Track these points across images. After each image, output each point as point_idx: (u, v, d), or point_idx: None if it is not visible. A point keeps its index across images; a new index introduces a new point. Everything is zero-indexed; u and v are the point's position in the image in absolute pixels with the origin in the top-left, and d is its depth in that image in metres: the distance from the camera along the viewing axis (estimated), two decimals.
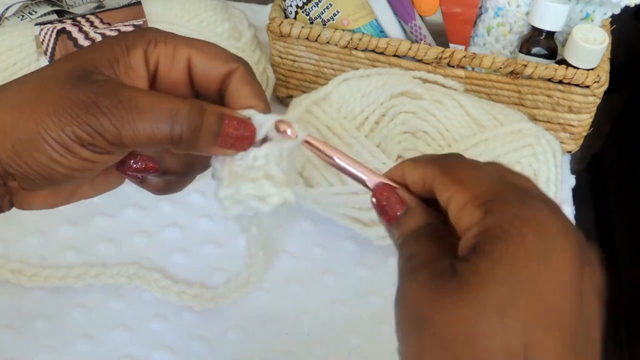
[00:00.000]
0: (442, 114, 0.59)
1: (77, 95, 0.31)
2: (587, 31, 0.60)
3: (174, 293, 0.56)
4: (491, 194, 0.28)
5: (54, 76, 0.32)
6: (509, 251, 0.26)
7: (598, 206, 1.47)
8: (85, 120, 0.30)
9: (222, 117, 0.33)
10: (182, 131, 0.32)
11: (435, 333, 0.26)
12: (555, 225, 0.27)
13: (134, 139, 0.31)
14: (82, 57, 0.33)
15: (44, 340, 0.53)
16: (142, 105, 0.31)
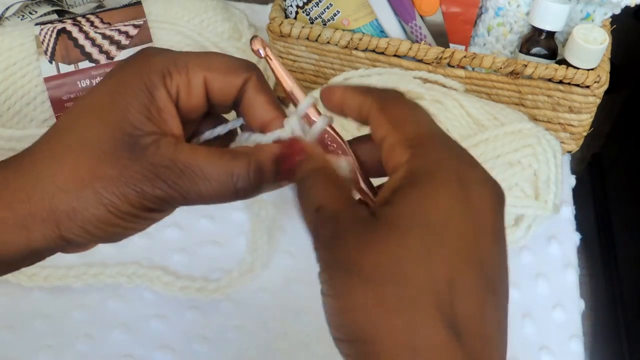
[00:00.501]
0: (443, 114, 0.59)
1: (136, 170, 0.31)
2: (588, 31, 0.60)
3: (177, 288, 0.56)
4: (421, 137, 0.29)
5: (100, 148, 0.31)
6: (433, 192, 0.27)
7: (598, 206, 1.47)
8: (152, 194, 0.31)
9: (275, 158, 0.33)
10: (245, 187, 0.33)
11: (364, 275, 0.27)
12: (476, 173, 0.29)
13: (200, 200, 0.33)
14: (113, 116, 0.32)
15: (44, 340, 0.53)
16: (202, 172, 0.32)
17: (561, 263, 0.61)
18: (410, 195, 0.28)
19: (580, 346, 0.56)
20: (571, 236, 0.64)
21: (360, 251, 0.27)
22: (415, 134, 0.29)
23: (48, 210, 0.31)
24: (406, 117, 0.30)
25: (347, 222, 0.28)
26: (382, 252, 0.27)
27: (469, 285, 0.27)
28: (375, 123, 0.31)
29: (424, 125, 0.30)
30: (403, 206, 0.27)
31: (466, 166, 0.29)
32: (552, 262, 0.61)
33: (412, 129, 0.30)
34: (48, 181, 0.31)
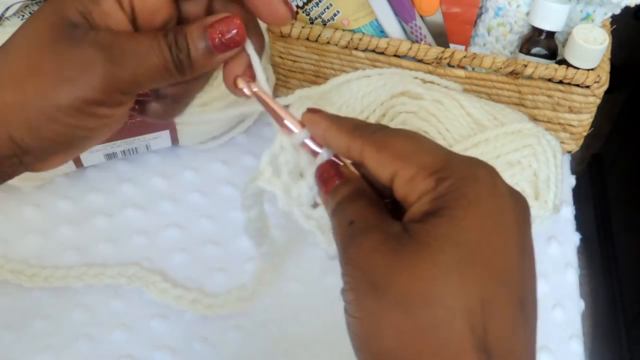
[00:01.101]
0: (443, 114, 0.59)
1: (74, 58, 0.31)
2: (588, 31, 0.60)
3: (172, 297, 0.56)
4: (438, 163, 0.29)
5: (39, 43, 0.31)
6: (466, 212, 0.27)
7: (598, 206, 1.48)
8: (91, 83, 0.31)
9: (204, 29, 0.33)
10: (177, 58, 0.32)
11: (395, 296, 0.26)
12: (503, 188, 0.29)
13: (141, 79, 0.32)
14: (54, 14, 0.32)
15: (44, 341, 0.53)
16: (134, 49, 0.31)
17: (561, 263, 0.61)
18: (444, 216, 0.27)
19: (580, 346, 0.56)
20: (571, 236, 0.64)
21: (390, 271, 0.26)
22: (430, 162, 0.29)
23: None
24: (412, 149, 0.30)
25: (378, 238, 0.28)
26: (413, 273, 0.26)
27: (501, 304, 0.26)
28: (378, 163, 0.30)
29: (434, 151, 0.30)
30: (436, 226, 0.27)
31: (492, 179, 0.28)
32: (552, 262, 0.61)
33: (424, 158, 0.29)
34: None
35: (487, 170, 0.29)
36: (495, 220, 0.27)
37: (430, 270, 0.26)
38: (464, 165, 0.29)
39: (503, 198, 0.28)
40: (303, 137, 0.34)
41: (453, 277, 0.26)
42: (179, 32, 0.32)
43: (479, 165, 0.29)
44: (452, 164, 0.28)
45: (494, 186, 0.28)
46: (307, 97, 0.61)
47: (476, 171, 0.28)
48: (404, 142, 0.30)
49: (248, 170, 0.67)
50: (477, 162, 0.29)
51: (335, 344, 0.54)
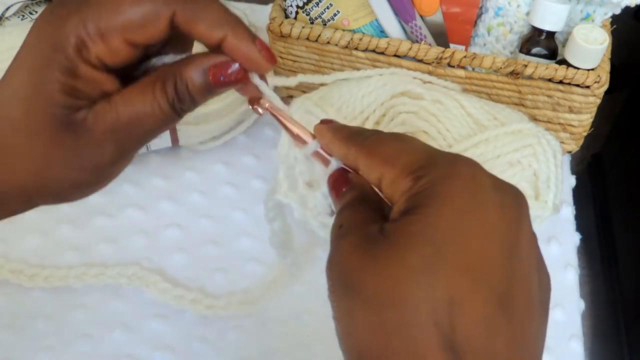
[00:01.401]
0: (443, 114, 0.59)
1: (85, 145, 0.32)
2: (588, 31, 0.60)
3: (172, 296, 0.56)
4: (418, 162, 0.28)
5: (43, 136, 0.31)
6: (438, 210, 0.26)
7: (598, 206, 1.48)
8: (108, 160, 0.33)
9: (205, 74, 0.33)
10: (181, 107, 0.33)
11: (365, 297, 0.26)
12: (486, 182, 0.28)
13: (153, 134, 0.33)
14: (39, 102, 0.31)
15: (44, 341, 0.53)
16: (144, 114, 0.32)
17: (561, 263, 0.61)
18: (415, 214, 0.26)
19: (580, 346, 0.56)
20: (571, 236, 0.64)
21: (362, 272, 0.26)
22: (411, 161, 0.29)
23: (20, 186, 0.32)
24: (396, 151, 0.30)
25: (355, 240, 0.28)
26: (382, 273, 0.26)
27: (472, 303, 0.25)
28: (368, 168, 0.30)
29: (417, 150, 0.29)
30: (407, 225, 0.26)
31: (473, 174, 0.28)
32: (552, 262, 0.61)
33: (406, 158, 0.29)
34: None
35: (467, 166, 0.28)
36: (472, 217, 0.26)
37: (397, 269, 0.26)
38: (443, 163, 0.28)
39: (484, 194, 0.27)
40: (314, 147, 0.34)
41: (420, 275, 0.25)
42: (179, 80, 0.32)
43: (458, 161, 0.28)
44: (431, 162, 0.28)
45: (473, 182, 0.27)
46: (307, 97, 0.61)
47: (455, 168, 0.28)
48: (390, 145, 0.30)
49: (248, 171, 0.67)
50: (458, 158, 0.29)
51: (335, 344, 0.54)
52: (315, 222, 0.36)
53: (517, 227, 0.27)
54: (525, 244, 0.27)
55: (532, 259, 0.28)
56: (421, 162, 0.28)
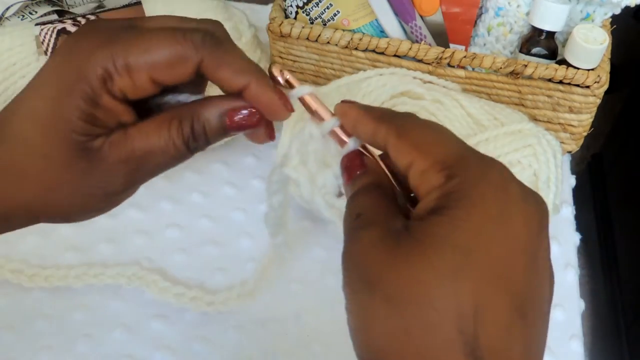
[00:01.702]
0: (443, 114, 0.59)
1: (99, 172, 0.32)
2: (588, 31, 0.60)
3: (172, 295, 0.56)
4: (453, 158, 0.28)
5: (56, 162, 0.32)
6: (469, 214, 0.26)
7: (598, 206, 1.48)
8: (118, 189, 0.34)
9: (222, 117, 0.33)
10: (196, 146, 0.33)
11: (386, 294, 0.26)
12: (515, 190, 0.28)
13: (163, 168, 0.34)
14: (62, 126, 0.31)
15: (44, 341, 0.53)
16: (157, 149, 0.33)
17: (561, 263, 0.61)
18: (445, 216, 0.26)
19: (580, 346, 0.56)
20: (571, 236, 0.64)
21: (385, 268, 0.26)
22: (445, 155, 0.28)
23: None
24: (431, 140, 0.29)
25: (378, 234, 0.28)
26: (407, 272, 0.26)
27: (496, 311, 0.25)
28: (397, 151, 0.30)
29: (452, 145, 0.29)
30: (435, 225, 0.26)
31: (504, 181, 0.28)
32: (552, 262, 0.61)
33: (441, 150, 0.29)
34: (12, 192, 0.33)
35: (498, 172, 0.28)
36: (500, 224, 0.26)
37: (424, 271, 0.26)
38: (477, 164, 0.28)
39: (512, 202, 0.27)
40: (332, 125, 0.34)
41: (447, 280, 0.25)
42: (196, 120, 0.33)
43: (492, 165, 0.28)
44: (464, 161, 0.28)
45: (503, 189, 0.27)
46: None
47: (488, 171, 0.28)
48: (424, 132, 0.30)
49: (248, 171, 0.67)
50: (491, 162, 0.28)
51: (335, 344, 0.54)
52: (322, 201, 0.36)
53: (538, 238, 0.28)
54: (543, 254, 0.28)
55: (547, 268, 0.28)
56: (455, 159, 0.28)
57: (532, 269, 0.27)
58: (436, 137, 0.30)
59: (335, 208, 0.36)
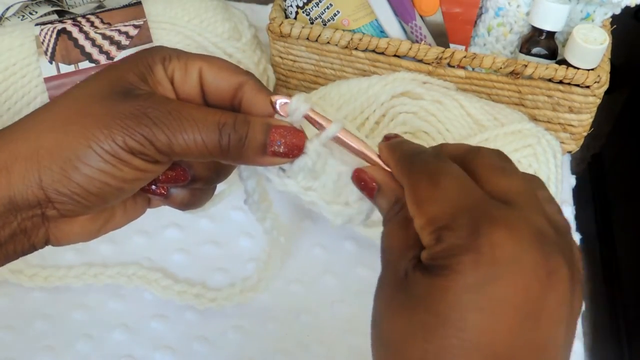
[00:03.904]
0: (443, 114, 0.59)
1: (126, 108, 0.31)
2: (588, 31, 0.60)
3: (175, 292, 0.56)
4: (444, 218, 0.28)
5: (95, 93, 0.32)
6: (446, 284, 0.27)
7: (598, 206, 1.47)
8: (137, 130, 0.31)
9: (268, 126, 0.33)
10: (229, 142, 0.33)
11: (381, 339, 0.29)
12: (503, 255, 0.27)
13: (185, 148, 0.32)
14: (112, 75, 0.33)
15: (44, 341, 0.53)
16: (190, 116, 0.32)
17: None
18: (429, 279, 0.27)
19: (580, 346, 0.56)
20: None
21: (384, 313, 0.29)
22: (437, 215, 0.28)
23: (31, 149, 0.31)
24: (429, 197, 0.29)
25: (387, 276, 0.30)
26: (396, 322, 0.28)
27: None
28: (408, 204, 0.30)
29: (447, 203, 0.28)
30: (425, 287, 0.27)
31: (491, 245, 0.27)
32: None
33: (435, 209, 0.28)
34: (37, 123, 0.32)
35: (487, 237, 0.27)
36: (479, 293, 0.26)
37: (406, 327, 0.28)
38: (465, 229, 0.27)
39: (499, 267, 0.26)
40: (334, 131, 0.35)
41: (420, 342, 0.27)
42: (241, 117, 0.33)
43: (481, 229, 0.27)
44: (453, 225, 0.27)
45: (489, 257, 0.26)
46: (307, 97, 0.61)
47: (474, 240, 0.27)
48: (427, 185, 0.30)
49: None
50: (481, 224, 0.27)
51: (335, 344, 0.54)
52: (296, 185, 0.36)
53: (534, 298, 0.27)
54: (548, 310, 0.27)
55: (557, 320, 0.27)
56: (446, 219, 0.28)
57: (524, 329, 0.26)
58: (432, 192, 0.29)
59: (312, 190, 0.36)
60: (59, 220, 0.33)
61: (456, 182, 0.29)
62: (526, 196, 0.29)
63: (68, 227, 0.34)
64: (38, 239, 0.33)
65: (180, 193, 0.37)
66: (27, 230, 0.32)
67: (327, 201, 0.36)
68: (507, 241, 0.27)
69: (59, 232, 0.34)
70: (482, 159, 0.31)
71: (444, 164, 0.30)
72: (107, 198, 0.33)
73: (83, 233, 0.35)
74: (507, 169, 0.30)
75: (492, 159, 0.31)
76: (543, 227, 0.28)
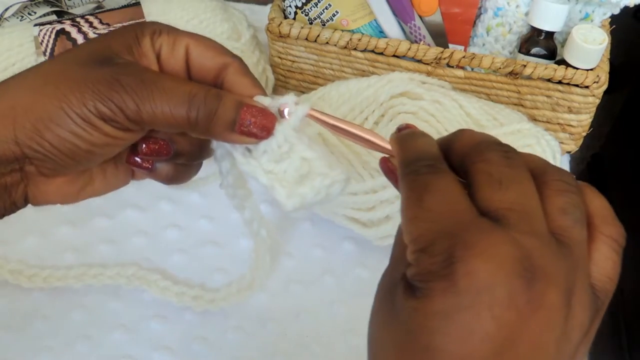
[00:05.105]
0: (442, 115, 0.59)
1: (100, 74, 0.32)
2: (587, 31, 0.60)
3: (173, 294, 0.56)
4: (422, 241, 0.27)
5: (74, 59, 0.34)
6: (418, 306, 0.26)
7: None
8: (107, 96, 0.32)
9: (240, 104, 0.34)
10: (198, 114, 0.33)
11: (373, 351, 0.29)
12: (478, 282, 0.25)
13: (153, 117, 0.33)
14: (98, 44, 0.34)
15: (43, 341, 0.53)
16: (162, 86, 0.33)
17: None
18: (410, 301, 0.27)
19: None
20: None
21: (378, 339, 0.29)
22: (418, 237, 0.27)
23: (8, 106, 0.32)
24: (413, 216, 0.28)
25: (385, 280, 0.30)
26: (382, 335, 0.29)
27: None
28: (400, 215, 0.30)
29: (426, 226, 0.27)
30: (405, 308, 0.27)
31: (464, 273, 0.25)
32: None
33: (416, 230, 0.27)
34: (18, 82, 0.33)
35: (463, 265, 0.25)
36: (454, 320, 0.25)
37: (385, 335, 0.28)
38: (441, 255, 0.26)
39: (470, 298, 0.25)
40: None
41: (392, 351, 0.28)
42: (213, 91, 0.34)
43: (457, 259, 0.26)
44: (432, 248, 0.26)
45: (460, 282, 0.25)
46: (306, 97, 0.61)
47: (448, 268, 0.26)
48: (413, 202, 0.28)
49: None
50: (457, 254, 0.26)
51: (334, 344, 0.54)
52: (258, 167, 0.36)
53: (509, 328, 0.25)
54: (529, 338, 0.26)
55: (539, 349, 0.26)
56: (423, 244, 0.27)
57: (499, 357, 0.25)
58: (420, 213, 0.28)
59: (273, 174, 0.36)
60: (37, 178, 0.34)
61: (442, 200, 0.28)
62: (519, 213, 0.27)
63: (46, 186, 0.35)
64: (18, 195, 0.34)
65: (164, 167, 0.38)
66: (7, 186, 0.34)
67: (282, 185, 0.35)
68: (482, 269, 0.25)
69: (38, 191, 0.35)
70: (482, 163, 0.29)
71: (434, 178, 0.29)
72: (79, 160, 0.34)
73: (61, 194, 0.36)
74: (505, 179, 0.28)
75: (491, 165, 0.29)
76: (531, 249, 0.26)
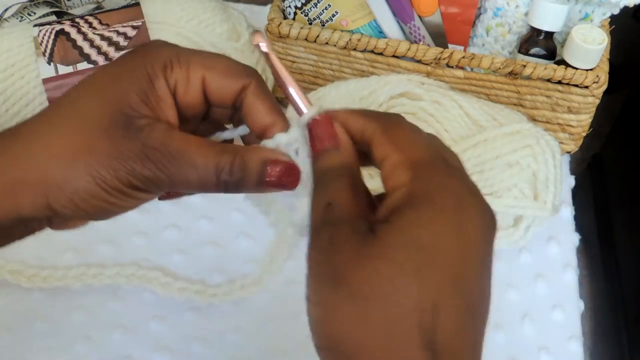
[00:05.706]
0: (441, 115, 0.59)
1: (129, 148, 0.32)
2: (586, 31, 0.60)
3: (175, 289, 0.56)
4: (423, 160, 0.30)
5: (97, 124, 0.33)
6: (431, 217, 0.28)
7: (598, 206, 1.47)
8: (141, 172, 0.32)
9: (264, 163, 0.34)
10: (226, 184, 0.34)
11: (351, 291, 0.28)
12: (473, 203, 0.30)
13: (183, 186, 0.34)
14: (114, 95, 0.33)
15: (43, 342, 0.53)
16: (190, 160, 0.33)
17: (560, 264, 0.61)
18: (408, 217, 0.28)
19: (579, 347, 0.56)
20: (570, 237, 0.64)
21: (351, 265, 0.28)
22: (417, 157, 0.30)
23: (39, 179, 0.32)
24: (409, 140, 0.31)
25: (347, 233, 0.29)
26: (373, 269, 0.28)
27: (452, 308, 0.28)
28: (378, 144, 0.32)
29: (427, 149, 0.31)
30: (400, 227, 0.28)
31: (465, 193, 0.30)
32: (551, 262, 0.61)
33: (415, 151, 0.31)
34: (42, 149, 0.32)
35: (461, 182, 0.30)
36: (460, 231, 0.29)
37: (389, 269, 0.28)
38: (444, 172, 0.30)
39: (472, 212, 0.30)
40: (312, 114, 0.34)
41: (411, 278, 0.27)
42: (237, 158, 0.34)
43: (458, 175, 0.31)
44: (433, 165, 0.30)
45: (465, 199, 0.30)
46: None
47: (451, 181, 0.30)
48: (406, 132, 0.32)
49: None
50: (458, 172, 0.31)
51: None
52: None
53: (489, 246, 0.30)
54: (490, 260, 0.30)
55: (490, 274, 0.30)
56: (425, 162, 0.30)
57: (483, 273, 0.30)
58: (414, 138, 0.31)
59: None
60: (62, 222, 0.37)
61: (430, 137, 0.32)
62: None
63: (70, 223, 0.37)
64: (40, 229, 0.37)
65: None
66: (32, 229, 0.36)
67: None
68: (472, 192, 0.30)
69: (61, 226, 0.37)
70: None
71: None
72: (110, 216, 0.35)
73: (85, 223, 0.38)
74: None
75: None
76: None
